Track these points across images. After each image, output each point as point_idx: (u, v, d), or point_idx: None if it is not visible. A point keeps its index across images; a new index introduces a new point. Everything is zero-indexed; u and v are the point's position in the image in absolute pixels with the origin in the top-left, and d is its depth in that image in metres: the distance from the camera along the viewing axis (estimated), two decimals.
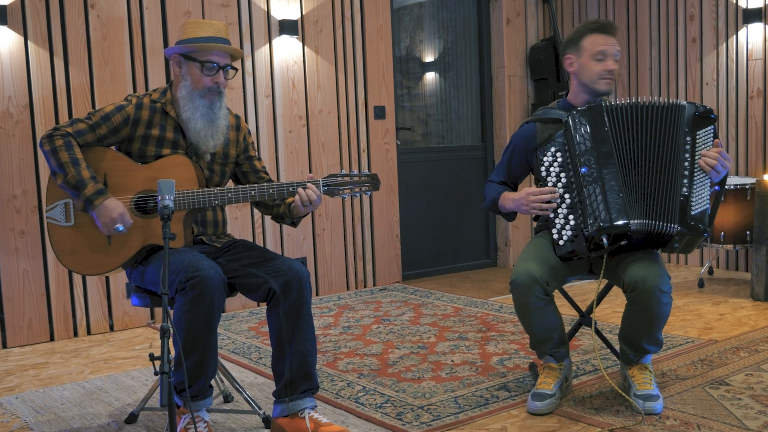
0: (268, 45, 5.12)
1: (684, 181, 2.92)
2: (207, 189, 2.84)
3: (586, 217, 2.94)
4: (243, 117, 4.99)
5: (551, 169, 3.06)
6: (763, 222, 4.72)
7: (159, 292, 2.76)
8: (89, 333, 4.55)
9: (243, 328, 4.57)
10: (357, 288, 5.61)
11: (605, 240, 2.92)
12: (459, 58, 6.37)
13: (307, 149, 5.32)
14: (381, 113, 5.64)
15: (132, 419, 3.03)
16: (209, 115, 2.93)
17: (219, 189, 2.83)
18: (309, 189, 2.82)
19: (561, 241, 3.03)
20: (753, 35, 5.50)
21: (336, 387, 3.42)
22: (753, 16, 5.43)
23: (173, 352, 2.76)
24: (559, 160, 3.04)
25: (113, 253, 2.87)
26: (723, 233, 5.10)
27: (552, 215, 3.05)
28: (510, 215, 3.26)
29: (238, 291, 2.94)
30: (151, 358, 2.13)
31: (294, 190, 2.83)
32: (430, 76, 6.33)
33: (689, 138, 2.95)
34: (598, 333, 3.40)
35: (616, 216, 2.90)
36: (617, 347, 3.30)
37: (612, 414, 2.96)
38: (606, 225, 2.90)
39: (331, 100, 5.40)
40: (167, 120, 2.95)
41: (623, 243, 2.97)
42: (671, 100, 2.99)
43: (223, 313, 4.90)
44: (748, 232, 5.06)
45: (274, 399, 2.87)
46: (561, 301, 3.49)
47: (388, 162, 5.71)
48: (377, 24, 5.59)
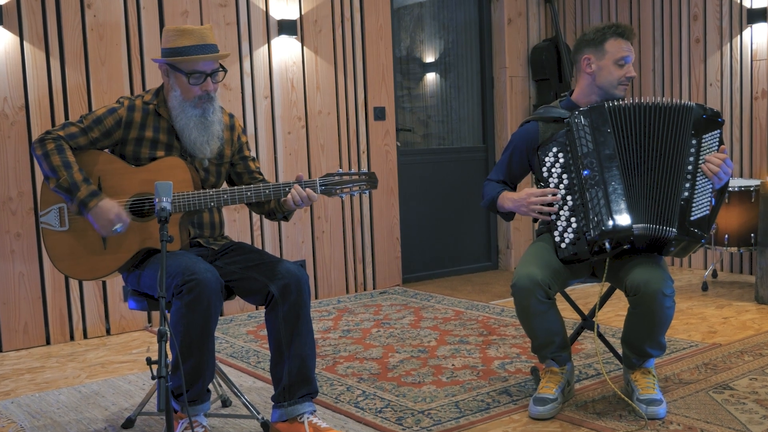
0: (266, 45, 5.10)
1: (686, 185, 2.91)
2: (203, 190, 2.83)
3: (588, 221, 2.93)
4: (240, 118, 4.98)
5: (553, 170, 3.05)
6: None
7: (156, 295, 2.77)
8: (86, 337, 4.54)
9: (241, 331, 4.57)
10: (357, 291, 5.59)
11: (608, 244, 2.92)
12: (460, 58, 6.37)
13: (306, 151, 5.30)
14: (381, 114, 5.62)
15: (129, 424, 3.03)
16: (203, 123, 2.92)
17: (215, 190, 2.83)
18: (297, 189, 2.81)
19: (563, 245, 3.02)
20: (757, 35, 5.47)
21: (335, 391, 3.41)
22: (757, 16, 5.41)
23: (170, 356, 2.76)
24: (561, 161, 3.03)
25: (109, 258, 2.87)
26: (727, 236, 5.07)
27: (554, 217, 3.04)
28: (508, 215, 3.24)
29: (236, 294, 2.95)
30: (149, 362, 2.13)
31: (289, 190, 2.83)
32: (430, 76, 6.33)
33: (695, 141, 2.94)
34: (600, 337, 3.40)
35: (618, 220, 2.89)
36: (620, 351, 3.29)
37: (615, 419, 2.95)
38: (608, 229, 2.88)
39: (331, 101, 5.39)
40: (160, 121, 2.94)
41: (626, 247, 2.96)
42: (678, 101, 2.97)
43: (221, 317, 4.90)
44: (752, 234, 5.04)
45: (272, 403, 2.87)
46: (563, 305, 3.49)
47: (388, 164, 5.69)
48: (377, 24, 5.57)
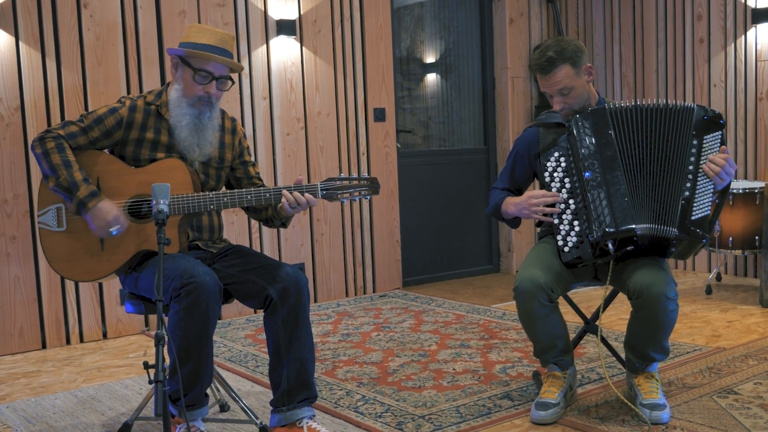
0: (265, 46, 5.09)
1: (687, 185, 2.91)
2: (202, 193, 2.83)
3: (591, 223, 2.94)
4: (239, 120, 4.97)
5: (555, 175, 3.06)
6: None
7: (153, 298, 2.75)
8: (82, 341, 4.53)
9: (239, 335, 4.57)
10: (356, 294, 5.59)
11: (611, 246, 2.92)
12: (461, 59, 6.37)
13: (305, 152, 5.29)
14: (381, 115, 5.61)
15: (126, 429, 3.00)
16: (195, 125, 2.91)
17: (215, 193, 2.84)
18: (296, 194, 2.79)
19: (566, 248, 3.02)
20: (762, 35, 5.46)
21: (335, 396, 3.41)
22: (762, 16, 5.40)
23: (168, 360, 2.77)
24: (563, 165, 3.05)
25: (106, 259, 2.87)
26: (731, 238, 5.05)
27: (556, 221, 3.04)
28: (514, 222, 3.25)
29: (234, 298, 2.95)
30: (146, 366, 2.13)
31: (288, 195, 2.82)
32: (431, 77, 6.33)
33: (696, 142, 2.95)
34: (603, 341, 3.40)
35: (621, 221, 2.89)
36: (623, 355, 3.29)
37: (618, 424, 2.94)
38: (611, 230, 2.89)
39: (330, 102, 5.37)
40: (162, 123, 2.94)
41: (629, 248, 2.95)
42: (679, 102, 2.98)
43: (219, 320, 4.91)
44: (757, 237, 5.02)
45: (271, 408, 2.87)
46: (565, 308, 3.50)
47: (388, 165, 5.67)
48: (377, 24, 5.56)
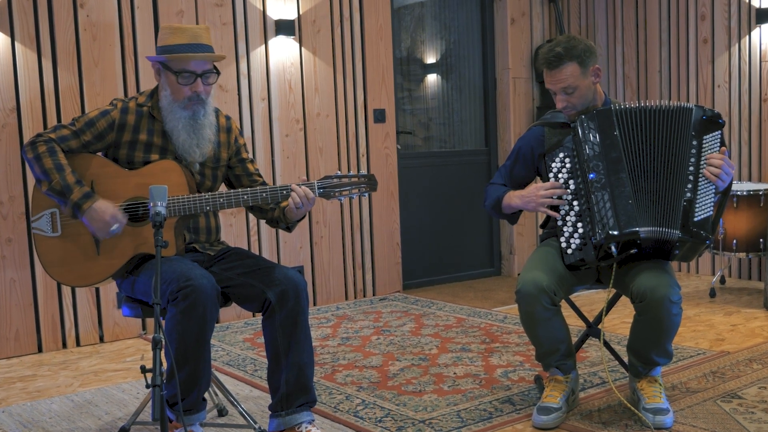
0: (263, 46, 5.08)
1: (688, 186, 2.92)
2: (198, 194, 2.83)
3: (594, 225, 2.94)
4: (237, 120, 4.96)
5: (560, 176, 3.06)
6: None
7: (150, 302, 2.77)
8: (78, 344, 4.52)
9: (238, 339, 4.56)
10: (356, 298, 5.58)
11: (614, 248, 2.92)
12: (462, 59, 6.36)
13: (305, 154, 5.27)
14: (381, 116, 5.60)
15: None
16: (192, 126, 2.90)
17: (211, 194, 2.84)
18: (302, 189, 2.80)
19: (569, 250, 3.02)
20: (766, 36, 5.46)
21: (334, 400, 3.40)
22: (766, 16, 5.39)
23: (165, 364, 2.78)
24: (568, 166, 3.05)
25: (102, 263, 2.87)
26: (735, 241, 5.04)
27: (560, 222, 3.04)
28: (512, 217, 3.24)
29: (232, 301, 2.95)
30: (143, 370, 2.14)
31: (288, 193, 2.83)
32: (431, 78, 6.33)
33: (695, 142, 2.95)
34: (606, 344, 3.39)
35: (625, 223, 2.89)
36: (626, 359, 3.29)
37: (620, 428, 2.94)
38: (615, 233, 2.89)
39: (329, 103, 5.35)
40: (154, 124, 2.94)
41: (633, 251, 2.95)
42: (678, 103, 2.99)
43: (217, 324, 4.90)
44: (761, 239, 5.02)
45: (270, 413, 2.87)
46: (568, 312, 3.50)
47: (388, 167, 5.66)
48: (377, 24, 5.55)
